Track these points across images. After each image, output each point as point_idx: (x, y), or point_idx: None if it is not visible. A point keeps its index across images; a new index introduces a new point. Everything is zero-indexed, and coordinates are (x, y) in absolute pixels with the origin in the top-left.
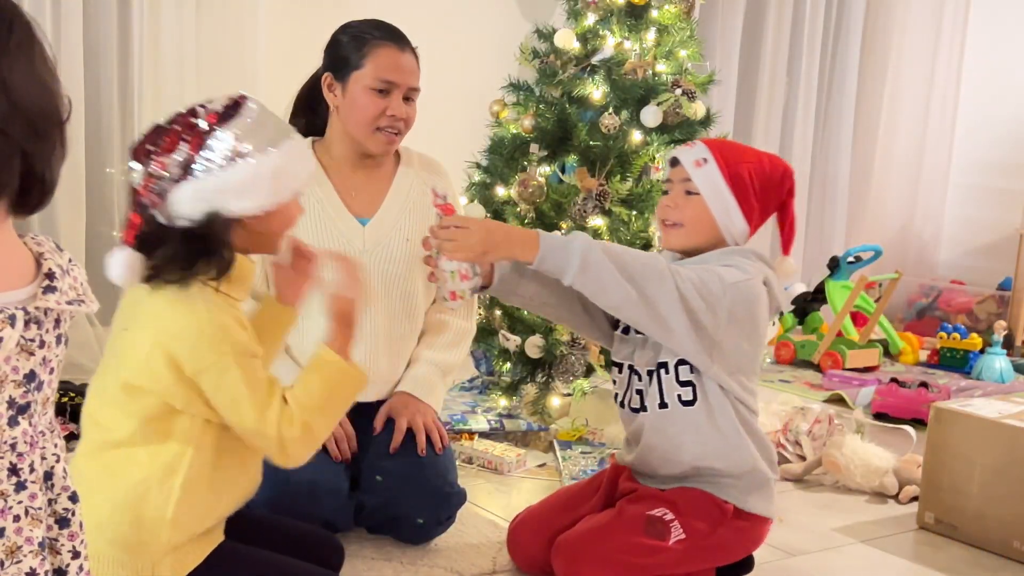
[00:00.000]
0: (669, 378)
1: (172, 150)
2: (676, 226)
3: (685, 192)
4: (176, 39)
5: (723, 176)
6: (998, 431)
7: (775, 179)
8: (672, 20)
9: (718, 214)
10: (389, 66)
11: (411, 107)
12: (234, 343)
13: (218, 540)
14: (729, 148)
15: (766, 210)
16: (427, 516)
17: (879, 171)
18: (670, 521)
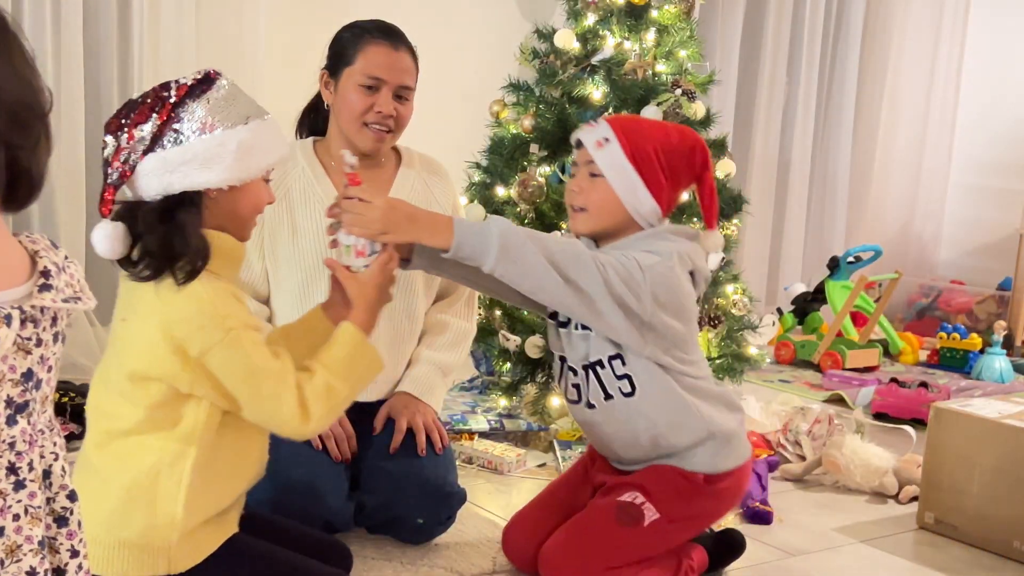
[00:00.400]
0: (607, 373)
1: (142, 122)
2: (581, 211)
3: (589, 175)
4: (176, 39)
5: (626, 155)
6: (998, 431)
7: (683, 152)
8: (672, 20)
9: (623, 195)
10: (378, 63)
11: (403, 106)
12: (237, 318)
13: (232, 529)
14: (632, 125)
15: (677, 185)
16: (427, 516)
17: (879, 171)
18: (641, 504)
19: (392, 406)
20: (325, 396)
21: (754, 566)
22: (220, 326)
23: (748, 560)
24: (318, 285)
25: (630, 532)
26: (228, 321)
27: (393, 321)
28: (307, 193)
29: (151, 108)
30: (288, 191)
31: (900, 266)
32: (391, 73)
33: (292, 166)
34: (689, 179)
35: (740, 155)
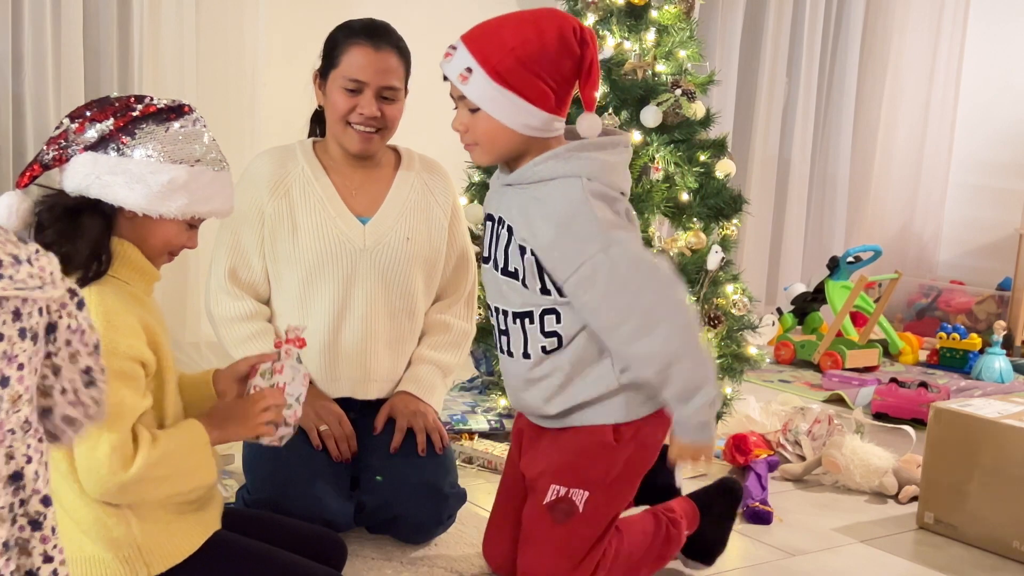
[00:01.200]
0: (534, 328)
1: (99, 120)
2: (473, 145)
3: (468, 110)
4: (176, 39)
5: (492, 80)
6: (998, 431)
7: (553, 45)
8: (672, 20)
9: (507, 120)
10: (359, 65)
11: (389, 106)
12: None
13: (213, 527)
14: (490, 40)
15: (563, 81)
16: (427, 516)
17: (879, 171)
18: (567, 494)
19: (393, 406)
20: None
21: (754, 566)
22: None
23: (748, 560)
24: (318, 284)
25: (574, 523)
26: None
27: (393, 319)
28: (306, 192)
29: (114, 112)
30: (288, 190)
31: (900, 266)
32: (372, 75)
33: (292, 165)
34: (572, 66)
35: (740, 155)
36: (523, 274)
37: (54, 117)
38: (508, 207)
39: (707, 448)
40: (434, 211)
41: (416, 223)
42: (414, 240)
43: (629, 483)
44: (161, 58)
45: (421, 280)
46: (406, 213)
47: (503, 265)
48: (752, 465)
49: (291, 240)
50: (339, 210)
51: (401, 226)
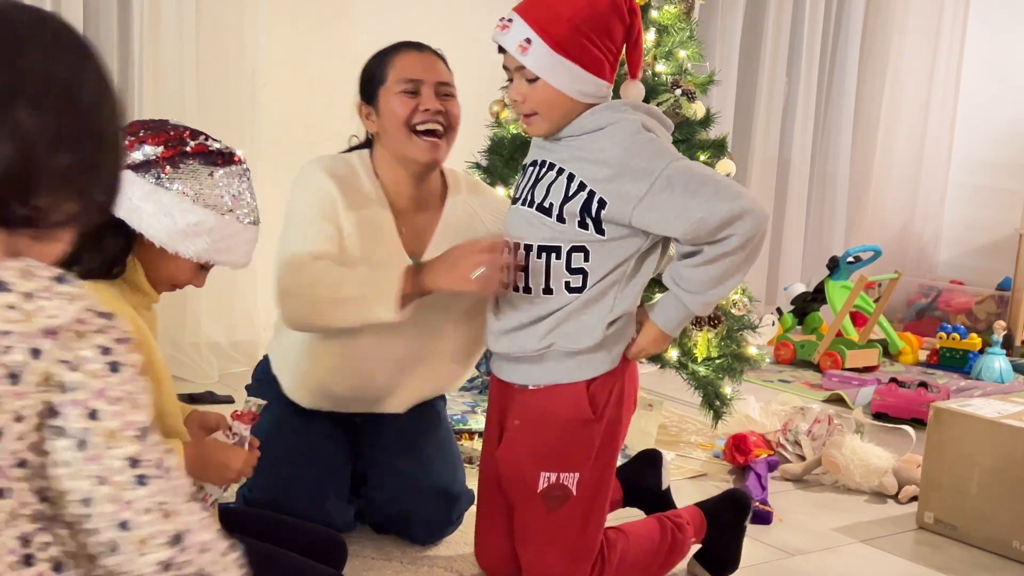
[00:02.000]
0: (559, 264)
1: (150, 143)
2: (532, 115)
3: (526, 80)
4: (176, 39)
5: (553, 50)
6: (998, 431)
7: (606, 13)
8: (672, 20)
9: (566, 88)
10: (410, 66)
11: (450, 102)
12: None
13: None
14: (545, 10)
15: (615, 49)
16: (438, 516)
17: (879, 171)
18: (557, 479)
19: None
20: None
21: (754, 566)
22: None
23: (748, 560)
24: None
25: (570, 507)
26: None
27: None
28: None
29: (166, 140)
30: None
31: (900, 266)
32: (424, 72)
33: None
34: (623, 33)
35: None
36: (559, 210)
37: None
38: (560, 152)
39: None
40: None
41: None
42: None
43: (612, 451)
44: (161, 58)
45: (459, 311)
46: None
47: (540, 201)
48: (752, 465)
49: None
50: (394, 249)
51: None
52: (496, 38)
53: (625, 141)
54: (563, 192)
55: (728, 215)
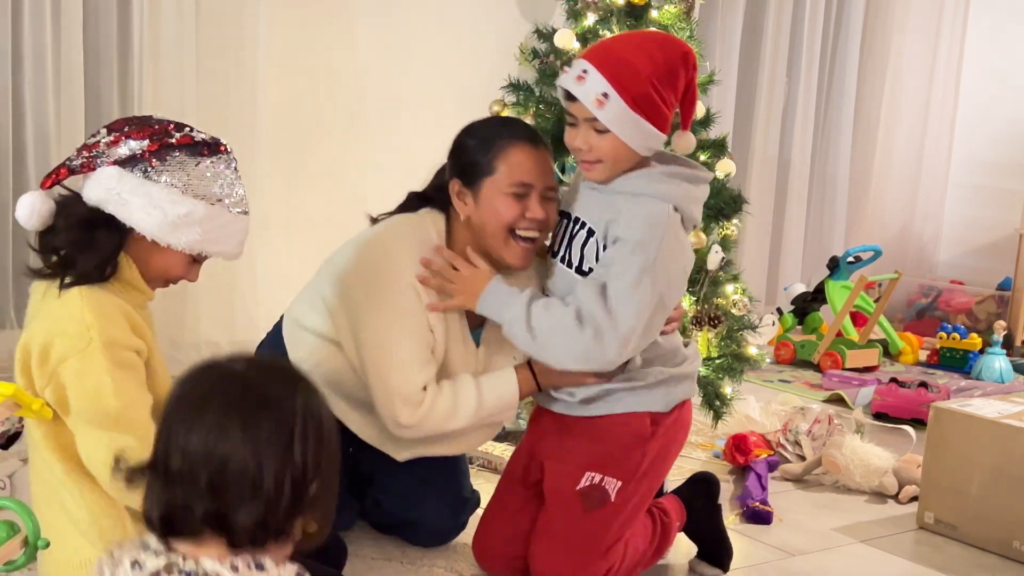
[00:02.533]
0: None
1: (135, 138)
2: (596, 163)
3: (595, 131)
4: (176, 39)
5: (629, 107)
6: (998, 431)
7: (677, 67)
8: (672, 20)
9: (635, 144)
10: (525, 168)
11: (552, 207)
12: (102, 330)
13: None
14: (622, 65)
15: (676, 101)
16: (447, 520)
17: (879, 171)
18: (600, 481)
19: None
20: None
21: (754, 566)
22: (82, 335)
23: (748, 560)
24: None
25: (604, 512)
26: (91, 331)
27: None
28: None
29: (151, 133)
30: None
31: (900, 266)
32: (538, 176)
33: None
34: (684, 88)
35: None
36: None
37: (54, 117)
38: (589, 209)
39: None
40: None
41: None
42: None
43: (657, 476)
44: (161, 58)
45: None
46: None
47: (578, 264)
48: (752, 465)
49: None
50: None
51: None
52: (569, 87)
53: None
54: (595, 257)
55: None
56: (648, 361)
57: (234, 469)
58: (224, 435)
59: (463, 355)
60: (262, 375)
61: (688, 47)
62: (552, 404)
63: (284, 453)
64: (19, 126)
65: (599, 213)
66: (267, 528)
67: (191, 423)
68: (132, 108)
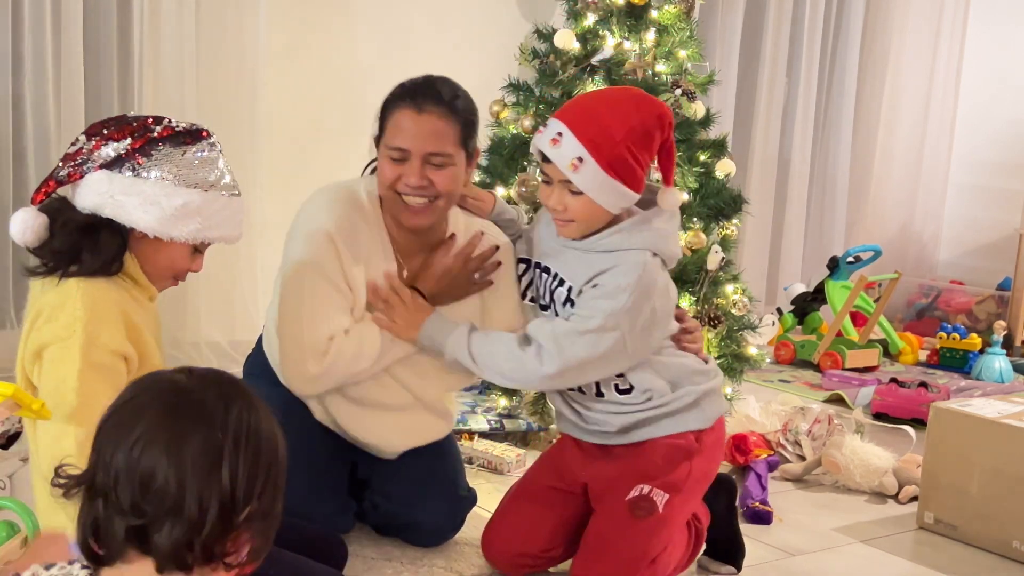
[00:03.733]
0: None
1: (116, 139)
2: (569, 222)
3: (569, 192)
4: (176, 39)
5: (604, 171)
6: (998, 431)
7: (651, 127)
8: (672, 20)
9: (608, 205)
10: (399, 131)
11: (439, 172)
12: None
13: None
14: (596, 127)
15: (650, 159)
16: (444, 521)
17: (879, 171)
18: (650, 492)
19: None
20: None
21: (754, 566)
22: (68, 326)
23: (748, 560)
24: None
25: (651, 522)
26: (76, 324)
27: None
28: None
29: (131, 131)
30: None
31: (900, 266)
32: (413, 141)
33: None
34: (659, 147)
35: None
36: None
37: (54, 118)
38: (569, 267)
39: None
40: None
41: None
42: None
43: (701, 489)
44: (161, 58)
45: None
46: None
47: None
48: (752, 465)
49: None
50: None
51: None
52: (544, 149)
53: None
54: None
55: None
56: (676, 383)
57: (157, 487)
58: (149, 450)
59: None
60: (199, 388)
61: (664, 107)
62: (587, 437)
63: (210, 474)
64: (19, 127)
65: (581, 271)
66: (192, 551)
67: (120, 436)
68: (132, 108)
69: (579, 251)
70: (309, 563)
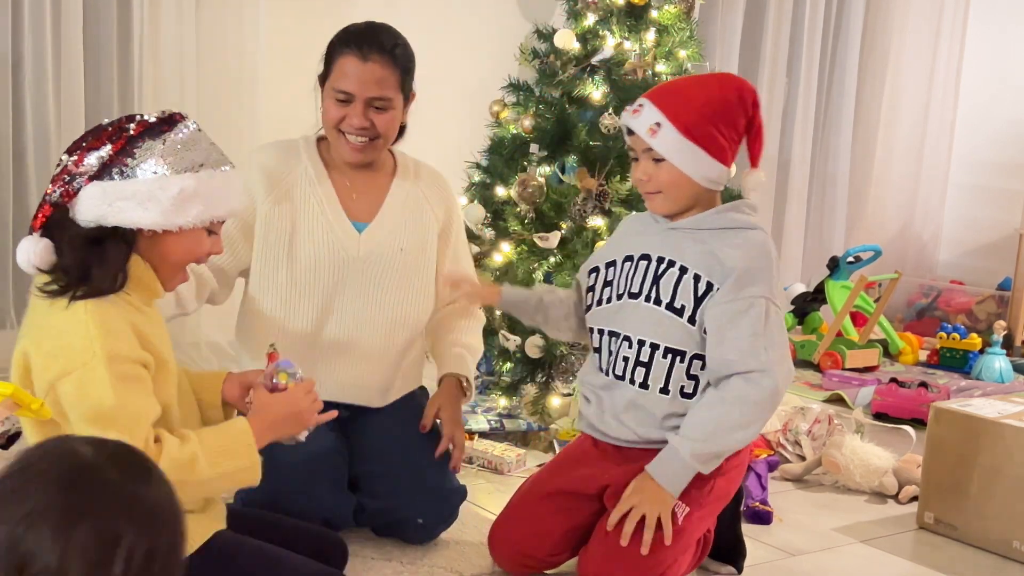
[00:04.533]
0: (681, 368)
1: (96, 148)
2: (656, 193)
3: (652, 160)
4: (176, 39)
5: (681, 134)
6: (998, 431)
7: (732, 103)
8: (672, 20)
9: (691, 171)
10: (345, 76)
11: (380, 115)
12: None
13: (216, 526)
14: (675, 97)
15: (736, 137)
16: (429, 516)
17: (879, 171)
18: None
19: (444, 412)
20: (184, 466)
21: (754, 566)
22: (86, 348)
23: (748, 560)
24: (306, 286)
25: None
26: (94, 344)
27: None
28: (307, 194)
29: (108, 137)
30: (289, 190)
31: (900, 266)
32: (358, 86)
33: (295, 163)
34: (744, 125)
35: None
36: (691, 311)
37: (54, 117)
38: (682, 249)
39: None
40: (428, 221)
41: (411, 233)
42: (408, 251)
43: (719, 507)
44: (161, 58)
45: (414, 290)
46: (401, 223)
47: (668, 301)
48: (752, 465)
49: (287, 240)
50: (337, 216)
51: (396, 237)
52: (626, 121)
53: (758, 254)
54: (692, 294)
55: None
56: None
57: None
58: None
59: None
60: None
61: (747, 85)
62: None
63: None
64: (19, 126)
65: (694, 253)
66: None
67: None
68: (132, 108)
69: (687, 230)
70: (309, 563)
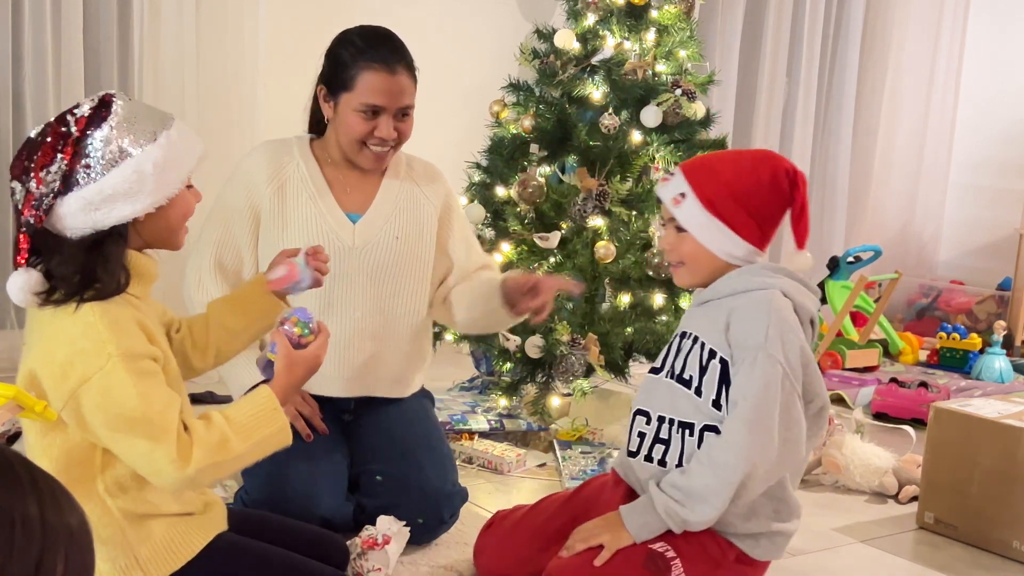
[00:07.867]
0: (691, 441)
1: (48, 163)
2: (679, 265)
3: (676, 230)
4: (176, 39)
5: (703, 207)
6: (998, 431)
7: (764, 184)
8: (672, 20)
9: (712, 245)
10: (376, 91)
11: (404, 123)
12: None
13: (217, 528)
14: (706, 172)
15: (769, 218)
16: (429, 516)
17: (879, 171)
18: (672, 559)
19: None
20: (216, 448)
21: None
22: (100, 351)
23: None
24: None
25: None
26: (108, 347)
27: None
28: (299, 188)
29: (53, 147)
30: (282, 185)
31: (900, 266)
32: (389, 99)
33: (288, 160)
34: (781, 207)
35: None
36: (697, 382)
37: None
38: (697, 321)
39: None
40: (424, 209)
41: (406, 222)
42: (403, 239)
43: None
44: (161, 58)
45: (413, 278)
46: (396, 212)
47: (679, 372)
48: None
49: (280, 234)
50: (330, 207)
51: (391, 225)
52: (657, 189)
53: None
54: (698, 363)
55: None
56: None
57: None
58: None
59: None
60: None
61: (784, 166)
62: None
63: None
64: (19, 126)
65: (707, 323)
66: None
67: None
68: None
69: (703, 305)
70: (309, 563)
